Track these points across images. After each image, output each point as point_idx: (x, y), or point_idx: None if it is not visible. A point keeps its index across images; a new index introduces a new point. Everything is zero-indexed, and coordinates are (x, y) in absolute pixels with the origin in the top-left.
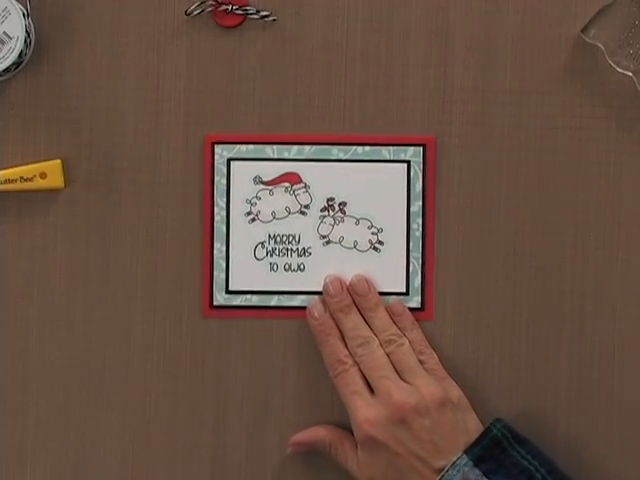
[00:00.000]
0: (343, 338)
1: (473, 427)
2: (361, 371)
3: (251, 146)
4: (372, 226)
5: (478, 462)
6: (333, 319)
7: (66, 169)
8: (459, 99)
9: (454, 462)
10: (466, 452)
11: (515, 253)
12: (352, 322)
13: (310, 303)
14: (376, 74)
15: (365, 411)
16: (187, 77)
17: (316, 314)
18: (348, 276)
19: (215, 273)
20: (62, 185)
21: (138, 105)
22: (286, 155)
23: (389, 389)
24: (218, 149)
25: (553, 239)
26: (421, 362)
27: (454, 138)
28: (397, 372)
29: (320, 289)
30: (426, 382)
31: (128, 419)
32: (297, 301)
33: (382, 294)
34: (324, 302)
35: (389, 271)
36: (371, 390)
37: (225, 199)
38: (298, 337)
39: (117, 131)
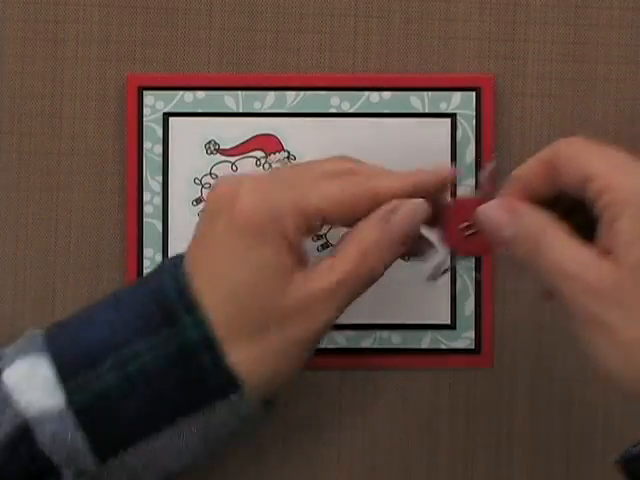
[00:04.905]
0: None
1: None
2: None
3: (201, 93)
4: None
5: None
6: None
7: None
8: (538, 17)
9: None
10: None
11: None
12: None
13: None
14: None
15: None
16: None
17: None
18: (358, 303)
19: None
20: None
21: (23, 30)
22: (258, 107)
23: None
24: (149, 98)
25: None
26: None
27: (528, 80)
28: None
29: None
30: None
31: None
32: None
33: (412, 327)
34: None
35: (423, 291)
36: None
37: (161, 179)
38: (284, 406)
39: None
